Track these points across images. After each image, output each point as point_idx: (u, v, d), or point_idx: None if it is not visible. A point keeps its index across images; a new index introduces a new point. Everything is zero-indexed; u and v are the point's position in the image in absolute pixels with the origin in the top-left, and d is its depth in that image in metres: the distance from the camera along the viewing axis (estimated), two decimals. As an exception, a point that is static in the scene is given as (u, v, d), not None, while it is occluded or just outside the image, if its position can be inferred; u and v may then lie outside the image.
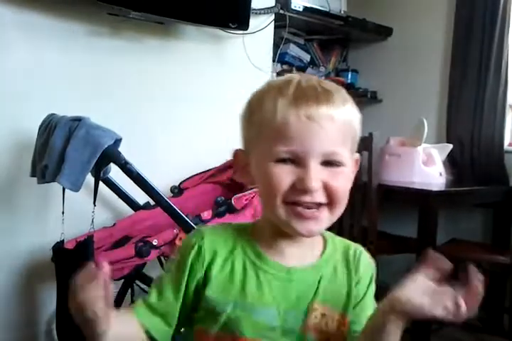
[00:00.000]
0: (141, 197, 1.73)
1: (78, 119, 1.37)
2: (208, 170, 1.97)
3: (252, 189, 1.74)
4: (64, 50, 1.79)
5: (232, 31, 2.13)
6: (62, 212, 1.53)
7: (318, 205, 0.67)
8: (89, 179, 1.46)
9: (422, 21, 2.80)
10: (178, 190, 1.92)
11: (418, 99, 2.82)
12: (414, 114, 2.64)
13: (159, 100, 2.02)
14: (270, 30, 2.38)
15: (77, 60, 1.82)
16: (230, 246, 0.73)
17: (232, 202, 1.68)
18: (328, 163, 0.67)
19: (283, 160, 0.66)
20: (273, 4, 2.37)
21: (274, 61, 2.54)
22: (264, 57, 2.40)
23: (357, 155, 0.75)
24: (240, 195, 1.69)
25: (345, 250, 0.77)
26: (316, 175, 0.65)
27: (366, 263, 0.77)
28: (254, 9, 2.20)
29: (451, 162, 2.54)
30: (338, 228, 2.27)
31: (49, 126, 1.47)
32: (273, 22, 2.38)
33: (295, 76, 0.71)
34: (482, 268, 2.30)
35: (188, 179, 1.96)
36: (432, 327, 2.12)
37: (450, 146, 2.41)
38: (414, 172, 2.26)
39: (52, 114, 1.52)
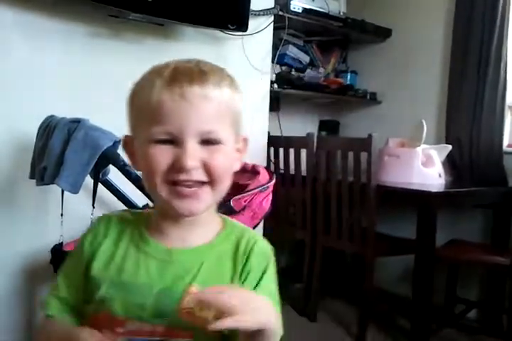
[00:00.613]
0: (140, 199, 1.73)
1: (77, 121, 1.37)
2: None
3: (250, 190, 1.75)
4: (64, 51, 1.80)
5: (231, 32, 2.13)
6: (61, 214, 1.53)
7: (201, 184, 0.68)
8: (88, 181, 1.46)
9: (421, 22, 2.80)
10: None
11: (417, 100, 2.82)
12: (413, 115, 2.65)
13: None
14: (269, 31, 2.38)
15: (78, 62, 1.83)
16: (120, 228, 0.75)
17: (231, 203, 1.68)
18: (206, 141, 0.67)
19: (161, 141, 0.66)
20: (272, 6, 2.38)
21: (273, 62, 2.54)
22: (263, 58, 2.40)
23: (244, 135, 0.76)
24: (239, 196, 1.69)
25: (238, 240, 0.75)
26: (193, 154, 0.66)
27: (259, 255, 0.74)
28: (254, 10, 2.20)
29: (451, 163, 2.54)
30: (337, 229, 2.28)
31: (48, 127, 1.47)
32: (272, 23, 2.39)
33: (178, 60, 0.71)
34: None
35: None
36: (431, 328, 2.12)
37: (449, 147, 2.41)
38: (414, 173, 2.26)
39: (52, 116, 1.52)
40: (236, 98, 0.71)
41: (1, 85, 1.70)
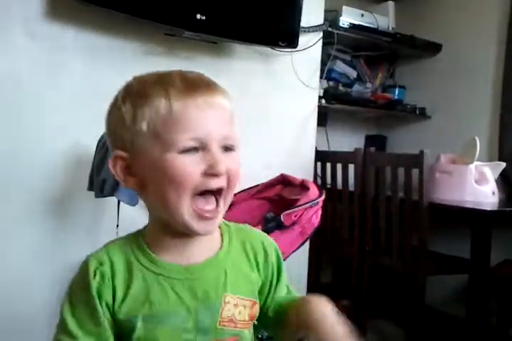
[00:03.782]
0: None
1: (136, 136, 1.41)
2: (255, 186, 1.98)
3: (301, 205, 1.74)
4: (120, 69, 1.86)
5: (281, 49, 2.16)
6: (117, 225, 1.57)
7: (219, 195, 0.68)
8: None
9: (472, 37, 2.75)
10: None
11: (468, 116, 2.76)
12: (464, 131, 2.60)
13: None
14: (318, 47, 2.40)
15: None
16: (125, 261, 0.70)
17: (282, 218, 1.68)
18: (225, 147, 0.69)
19: (188, 150, 0.66)
20: (321, 22, 2.40)
21: (321, 78, 2.55)
22: (312, 74, 2.41)
23: None
24: (290, 211, 1.69)
25: (242, 238, 0.78)
26: (223, 159, 0.67)
27: (270, 246, 0.80)
28: (303, 27, 2.23)
29: (504, 180, 2.46)
30: (386, 246, 2.24)
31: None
32: (321, 39, 2.40)
33: (168, 71, 0.72)
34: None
35: (235, 194, 1.97)
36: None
37: (503, 165, 2.34)
38: (466, 190, 2.20)
39: (110, 131, 1.57)
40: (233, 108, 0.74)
41: (61, 100, 1.77)
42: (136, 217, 1.63)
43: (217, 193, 0.68)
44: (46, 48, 1.72)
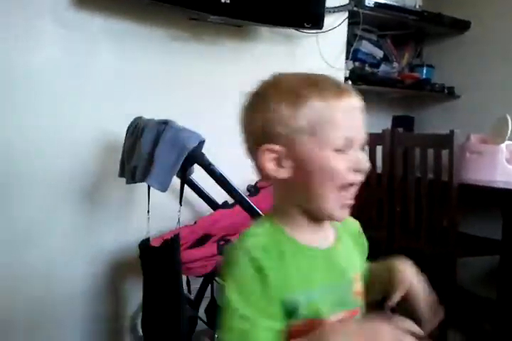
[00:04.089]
0: (218, 198, 1.79)
1: (165, 122, 1.43)
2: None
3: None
4: (146, 54, 1.88)
5: (306, 31, 2.13)
6: (148, 211, 1.59)
7: (354, 186, 0.76)
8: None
9: (501, 14, 2.66)
10: (254, 189, 1.95)
11: (498, 95, 2.69)
12: (494, 110, 2.53)
13: (238, 101, 2.06)
14: (344, 27, 2.37)
15: (159, 64, 1.90)
16: (274, 246, 0.75)
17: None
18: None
19: (340, 149, 0.74)
20: (347, 2, 2.35)
21: (347, 58, 2.52)
22: (337, 55, 2.39)
23: None
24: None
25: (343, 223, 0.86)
26: (365, 158, 0.76)
27: (358, 224, 0.90)
28: (328, 8, 2.19)
29: (536, 160, 2.40)
30: (415, 228, 2.22)
31: (137, 128, 1.53)
32: (347, 19, 2.36)
33: (309, 73, 0.79)
34: None
35: (261, 180, 1.99)
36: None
37: (535, 143, 2.28)
38: (497, 170, 2.16)
39: (139, 117, 1.59)
40: None
41: (89, 86, 1.79)
42: (166, 202, 1.67)
43: (353, 185, 0.77)
44: (74, 35, 1.75)
